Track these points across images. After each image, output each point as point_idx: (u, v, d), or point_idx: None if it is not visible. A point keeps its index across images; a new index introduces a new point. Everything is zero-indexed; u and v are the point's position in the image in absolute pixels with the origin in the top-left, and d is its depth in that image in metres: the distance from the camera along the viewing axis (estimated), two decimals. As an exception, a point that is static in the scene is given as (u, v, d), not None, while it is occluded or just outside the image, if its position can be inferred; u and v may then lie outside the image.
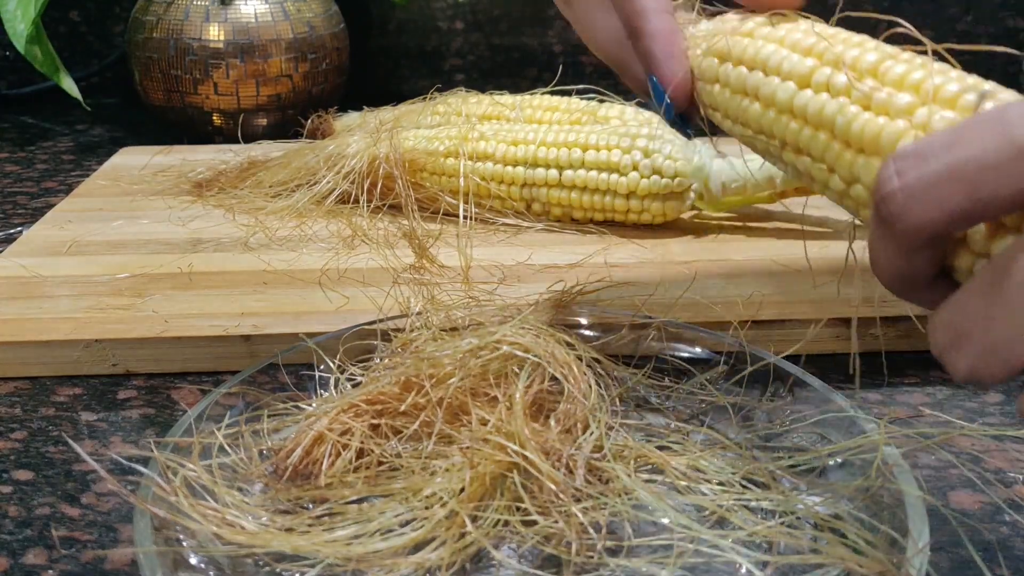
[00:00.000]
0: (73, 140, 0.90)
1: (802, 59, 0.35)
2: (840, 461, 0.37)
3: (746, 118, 0.38)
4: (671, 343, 0.45)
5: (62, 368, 0.48)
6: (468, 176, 0.62)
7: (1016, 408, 0.38)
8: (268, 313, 0.50)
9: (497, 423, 0.36)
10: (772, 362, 0.43)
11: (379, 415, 0.38)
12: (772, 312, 0.50)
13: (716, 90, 0.38)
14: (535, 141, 0.61)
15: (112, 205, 0.67)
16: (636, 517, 0.35)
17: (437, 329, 0.44)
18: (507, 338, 0.40)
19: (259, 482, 0.37)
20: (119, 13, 1.02)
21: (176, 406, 0.45)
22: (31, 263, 0.56)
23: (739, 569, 0.33)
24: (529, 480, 0.34)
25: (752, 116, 0.37)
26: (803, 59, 0.35)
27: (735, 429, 0.40)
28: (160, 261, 0.57)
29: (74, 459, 0.41)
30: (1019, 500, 0.38)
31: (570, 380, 0.39)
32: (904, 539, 0.32)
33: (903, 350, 0.50)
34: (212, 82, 0.81)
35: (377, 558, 0.32)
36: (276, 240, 0.60)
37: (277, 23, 0.82)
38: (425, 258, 0.55)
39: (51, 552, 0.36)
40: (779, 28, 0.37)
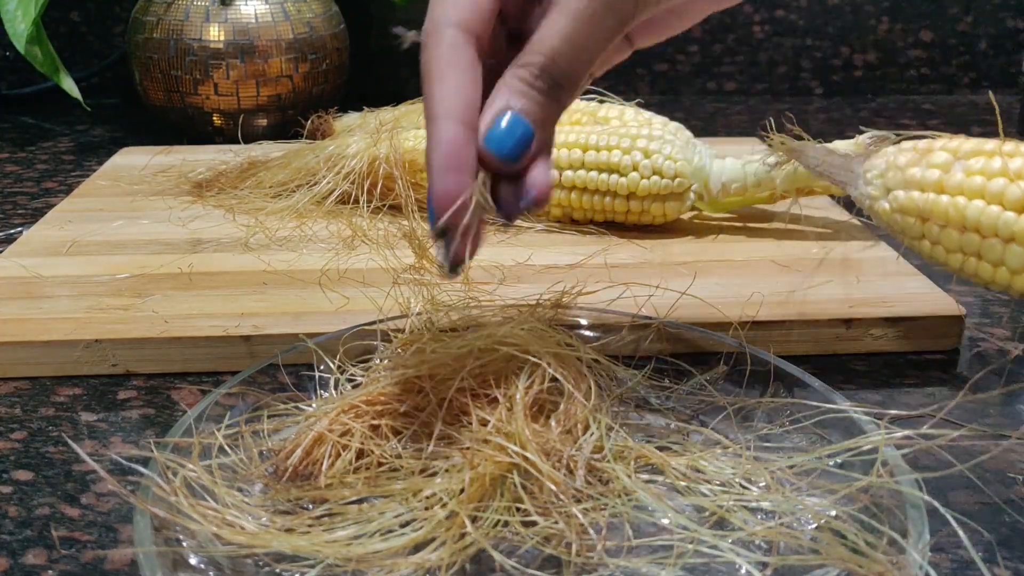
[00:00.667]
0: (73, 140, 0.90)
1: (1018, 219, 0.34)
2: (840, 461, 0.37)
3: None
4: (671, 343, 0.45)
5: (62, 368, 0.48)
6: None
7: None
8: (268, 313, 0.50)
9: (497, 424, 0.36)
10: (772, 362, 0.43)
11: (379, 416, 0.38)
12: (772, 312, 0.50)
13: (924, 244, 0.38)
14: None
15: (112, 205, 0.67)
16: (636, 518, 0.35)
17: (437, 330, 0.44)
18: (507, 339, 0.40)
19: (259, 482, 0.37)
20: (119, 13, 1.02)
21: (176, 406, 0.45)
22: (31, 263, 0.56)
23: (739, 570, 0.33)
24: (529, 481, 0.34)
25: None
26: (1020, 219, 0.34)
27: (735, 429, 0.40)
28: (160, 261, 0.57)
29: (74, 459, 0.41)
30: (1019, 500, 0.38)
31: (570, 381, 0.39)
32: (904, 539, 0.32)
33: (903, 350, 0.50)
34: (212, 82, 0.81)
35: (377, 558, 0.32)
36: (276, 240, 0.60)
37: (277, 23, 0.82)
38: (425, 258, 0.55)
39: (51, 552, 0.36)
40: (974, 167, 0.35)
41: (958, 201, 0.36)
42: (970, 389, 0.47)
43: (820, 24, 1.04)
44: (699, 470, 0.37)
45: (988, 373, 0.49)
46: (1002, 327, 0.53)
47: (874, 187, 0.40)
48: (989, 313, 0.55)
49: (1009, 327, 0.53)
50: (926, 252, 0.39)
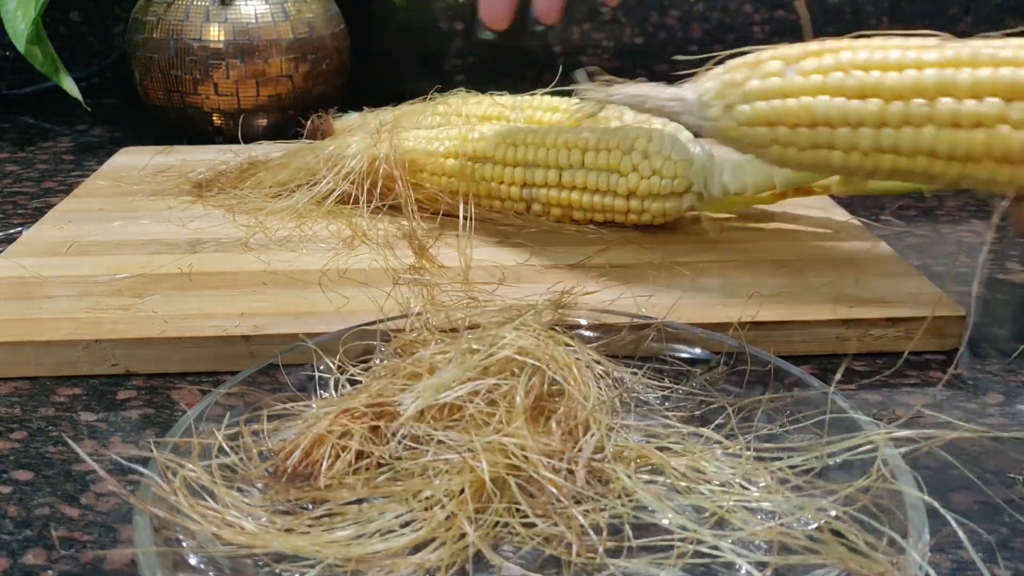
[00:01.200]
0: (73, 140, 0.90)
1: (864, 104, 0.36)
2: (840, 461, 0.37)
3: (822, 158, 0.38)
4: (671, 344, 0.45)
5: (62, 368, 0.48)
6: (468, 176, 0.62)
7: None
8: (268, 313, 0.50)
9: (497, 425, 0.36)
10: (772, 362, 0.43)
11: (379, 417, 0.38)
12: (772, 312, 0.50)
13: (775, 150, 0.39)
14: (535, 142, 0.61)
15: (112, 205, 0.67)
16: (636, 518, 0.34)
17: (437, 330, 0.44)
18: (507, 341, 0.40)
19: (259, 483, 0.37)
20: (119, 13, 1.02)
21: (176, 406, 0.45)
22: (31, 263, 0.56)
23: (739, 570, 0.33)
24: (529, 482, 0.34)
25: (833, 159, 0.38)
26: (865, 104, 0.36)
27: (735, 429, 0.40)
28: (160, 261, 0.57)
29: (74, 459, 0.41)
30: (1019, 501, 0.38)
31: (570, 382, 0.39)
32: (904, 540, 0.32)
33: (903, 350, 0.50)
34: (212, 82, 0.81)
35: (377, 559, 0.32)
36: (276, 240, 0.60)
37: (277, 24, 0.82)
38: (425, 258, 0.55)
39: (50, 552, 0.36)
40: (807, 67, 0.37)
41: (803, 100, 0.38)
42: (970, 389, 0.47)
43: (820, 24, 1.04)
44: (699, 470, 0.37)
45: (988, 373, 0.49)
46: (1002, 327, 0.53)
47: (714, 108, 0.41)
48: (989, 313, 0.55)
49: (1009, 327, 0.53)
50: (776, 157, 0.40)
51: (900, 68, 0.36)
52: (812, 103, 0.38)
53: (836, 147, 0.38)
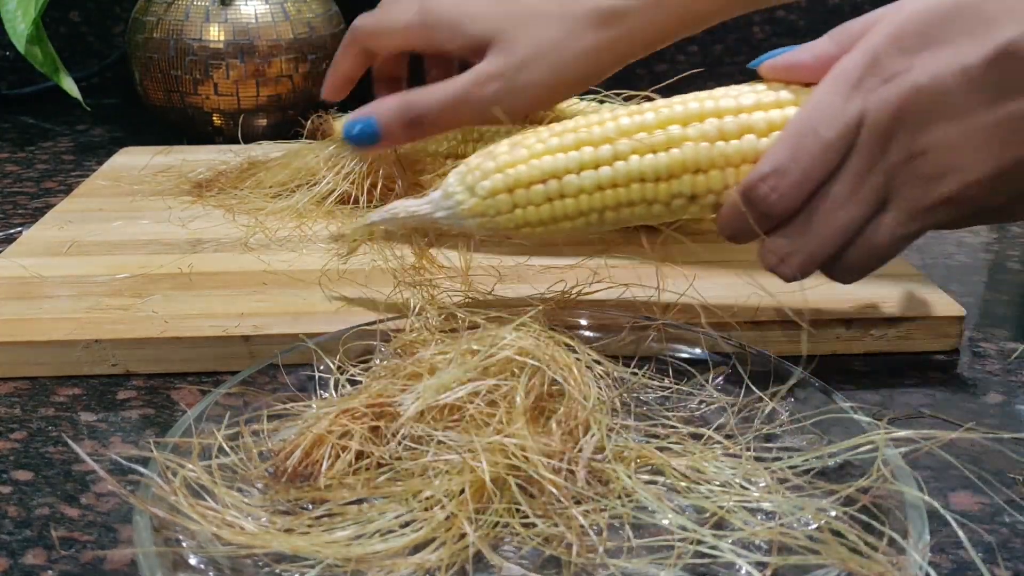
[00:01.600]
0: (73, 140, 0.90)
1: (580, 153, 0.44)
2: (840, 461, 0.37)
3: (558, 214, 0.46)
4: (671, 344, 0.45)
5: (62, 368, 0.48)
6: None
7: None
8: (268, 313, 0.50)
9: (498, 425, 0.36)
10: (772, 362, 0.43)
11: (379, 417, 0.38)
12: (772, 312, 0.50)
13: (518, 212, 0.46)
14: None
15: (112, 205, 0.67)
16: (636, 518, 0.34)
17: (437, 330, 0.44)
18: (507, 341, 0.40)
19: (259, 483, 0.37)
20: (119, 13, 1.02)
21: (176, 406, 0.45)
22: (31, 263, 0.56)
23: (739, 570, 0.33)
24: (530, 482, 0.34)
25: (566, 209, 0.45)
26: (581, 153, 0.44)
27: (735, 429, 0.40)
28: (160, 261, 0.57)
29: (74, 459, 0.41)
30: (1019, 501, 0.38)
31: (570, 382, 0.39)
32: (904, 540, 0.32)
33: (903, 350, 0.50)
34: (212, 82, 0.81)
35: (377, 559, 0.32)
36: (276, 240, 0.60)
37: (277, 24, 0.82)
38: (425, 258, 0.55)
39: (50, 552, 0.36)
40: (528, 140, 0.46)
41: (532, 162, 0.45)
42: (970, 389, 0.47)
43: (820, 24, 1.04)
44: (699, 471, 0.37)
45: (988, 373, 0.49)
46: (1002, 327, 0.53)
47: (459, 194, 0.46)
48: (989, 313, 0.55)
49: (1009, 327, 0.53)
50: (521, 219, 0.46)
51: (602, 123, 0.44)
52: (540, 163, 0.45)
53: (567, 195, 0.45)
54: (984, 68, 0.37)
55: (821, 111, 0.40)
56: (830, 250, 0.42)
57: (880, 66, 0.39)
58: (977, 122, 0.38)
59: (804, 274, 0.43)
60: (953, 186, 0.39)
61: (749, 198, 0.42)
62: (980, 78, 0.37)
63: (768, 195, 0.41)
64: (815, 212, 0.41)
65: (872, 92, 0.39)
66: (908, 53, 0.39)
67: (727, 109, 0.43)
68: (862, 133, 0.40)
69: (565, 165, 0.44)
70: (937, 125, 0.39)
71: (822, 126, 0.40)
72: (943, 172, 0.39)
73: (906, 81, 0.39)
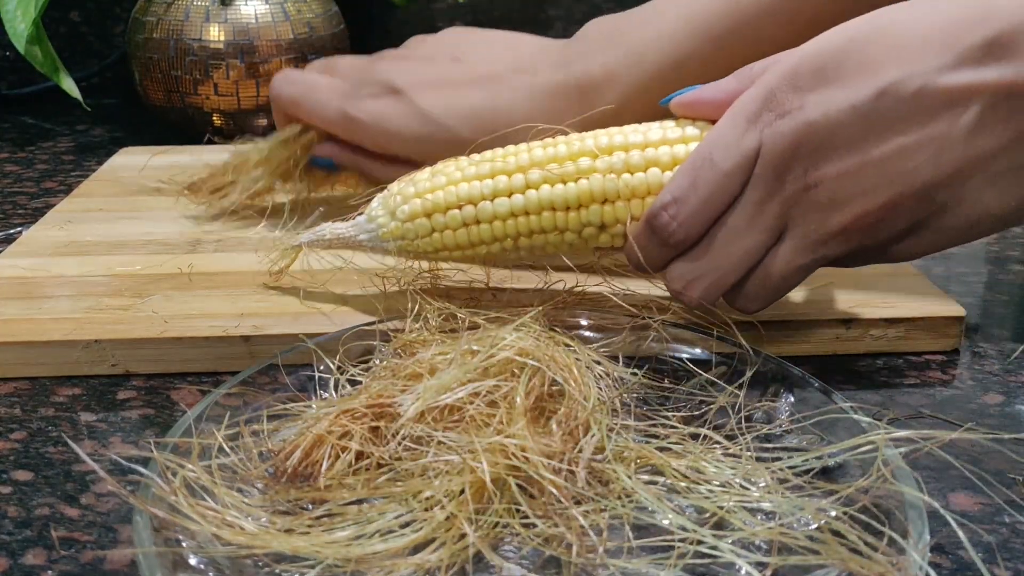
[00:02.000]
0: (73, 140, 0.90)
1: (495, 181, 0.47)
2: (840, 461, 0.37)
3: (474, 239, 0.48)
4: (671, 344, 0.45)
5: (62, 368, 0.48)
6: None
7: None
8: (268, 313, 0.50)
9: (498, 426, 0.36)
10: (772, 362, 0.43)
11: (379, 417, 0.38)
12: (772, 312, 0.50)
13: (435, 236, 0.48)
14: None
15: (112, 205, 0.67)
16: (637, 518, 0.34)
17: (437, 330, 0.44)
18: (508, 342, 0.40)
19: (259, 483, 0.37)
20: (119, 13, 1.02)
21: (176, 407, 0.45)
22: (31, 263, 0.57)
23: (739, 570, 0.33)
24: (530, 483, 0.34)
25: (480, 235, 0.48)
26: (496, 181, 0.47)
27: (735, 430, 0.40)
28: (160, 261, 0.57)
29: (73, 459, 0.41)
30: (1019, 501, 0.38)
31: (571, 382, 0.39)
32: (904, 540, 0.32)
33: (903, 350, 0.50)
34: (212, 82, 0.81)
35: (376, 559, 0.32)
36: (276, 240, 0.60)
37: (277, 24, 0.82)
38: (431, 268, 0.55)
39: (50, 552, 0.36)
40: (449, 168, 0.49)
41: (449, 189, 0.47)
42: (970, 389, 0.47)
43: (820, 24, 1.04)
44: (699, 471, 0.37)
45: (988, 373, 0.49)
46: (1002, 327, 0.53)
47: (381, 217, 0.49)
48: (989, 313, 0.55)
49: (1009, 327, 0.53)
50: (438, 244, 0.48)
51: (517, 153, 0.47)
52: (456, 189, 0.47)
53: (482, 220, 0.47)
54: (871, 105, 0.40)
55: (718, 143, 0.42)
56: (731, 277, 0.44)
57: (775, 102, 0.41)
58: (867, 156, 0.40)
59: (707, 300, 0.44)
60: (847, 217, 0.41)
61: (652, 225, 0.44)
62: (868, 114, 0.40)
63: (668, 223, 0.43)
64: (715, 240, 0.43)
65: (768, 126, 0.41)
66: (801, 91, 0.41)
67: (634, 144, 0.45)
68: (758, 165, 0.42)
69: (480, 192, 0.47)
70: (830, 158, 0.40)
71: (719, 157, 0.42)
72: (837, 203, 0.41)
73: (799, 117, 0.41)
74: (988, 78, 0.38)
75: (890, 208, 0.41)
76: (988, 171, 0.40)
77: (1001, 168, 0.40)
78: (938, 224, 0.42)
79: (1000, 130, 0.39)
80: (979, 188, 0.40)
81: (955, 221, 0.41)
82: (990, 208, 0.41)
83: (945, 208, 0.41)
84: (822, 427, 0.39)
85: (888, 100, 0.39)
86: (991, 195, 0.40)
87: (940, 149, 0.39)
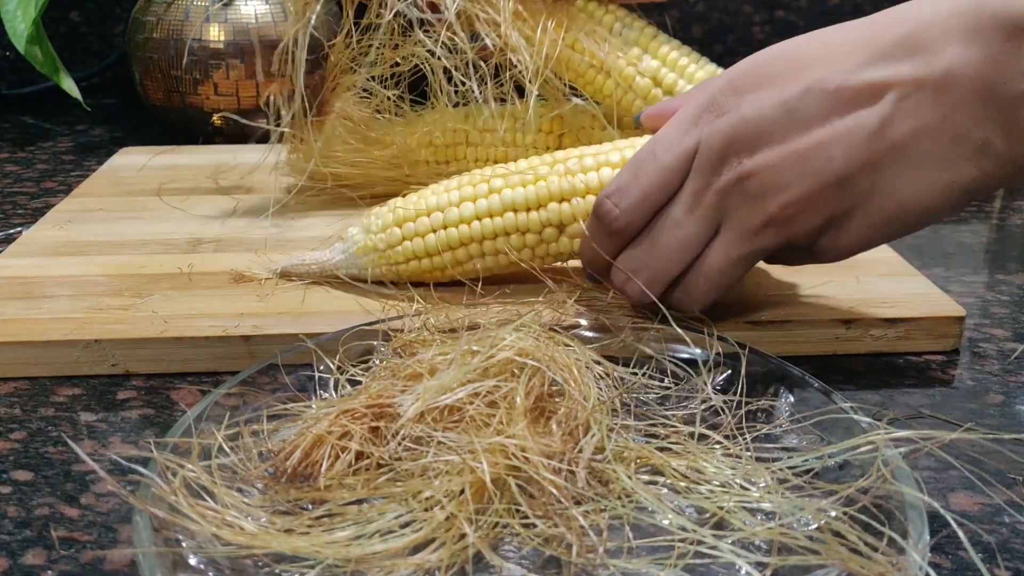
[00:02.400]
0: (73, 140, 0.90)
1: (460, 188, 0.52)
2: (840, 461, 0.37)
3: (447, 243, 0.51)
4: (671, 344, 0.45)
5: (62, 368, 0.48)
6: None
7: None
8: (268, 313, 0.50)
9: (498, 426, 0.36)
10: (772, 362, 0.43)
11: (378, 418, 0.38)
12: (772, 312, 0.50)
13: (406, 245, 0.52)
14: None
15: (112, 205, 0.67)
16: (637, 519, 0.34)
17: (437, 330, 0.44)
18: (508, 342, 0.40)
19: (259, 483, 0.37)
20: (119, 13, 1.02)
21: (176, 406, 0.45)
22: (31, 263, 0.56)
23: (739, 570, 0.33)
24: (530, 483, 0.34)
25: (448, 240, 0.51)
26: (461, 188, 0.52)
27: (735, 430, 0.40)
28: (160, 261, 0.57)
29: (73, 459, 0.41)
30: (1019, 501, 0.38)
31: (571, 383, 0.39)
32: (904, 540, 0.32)
33: (903, 351, 0.50)
34: (212, 82, 0.81)
35: (376, 559, 0.32)
36: (276, 240, 0.60)
37: (277, 24, 0.82)
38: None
39: (50, 552, 0.36)
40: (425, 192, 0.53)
41: (420, 201, 0.52)
42: (970, 389, 0.47)
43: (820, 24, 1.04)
44: (699, 471, 0.37)
45: (988, 373, 0.49)
46: (1002, 327, 0.53)
47: (356, 234, 0.53)
48: (989, 313, 0.55)
49: (1009, 327, 0.53)
50: (409, 252, 0.52)
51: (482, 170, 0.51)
52: (426, 200, 0.52)
53: (449, 224, 0.51)
54: (797, 101, 0.42)
55: (661, 140, 0.46)
56: (670, 268, 0.46)
57: (715, 104, 0.44)
58: (794, 147, 0.42)
59: (651, 291, 0.46)
60: (772, 207, 0.43)
61: (597, 214, 0.47)
62: (794, 109, 0.42)
63: (611, 210, 0.46)
64: (655, 231, 0.46)
65: (707, 125, 0.44)
66: (740, 92, 0.44)
67: (588, 152, 0.50)
68: (696, 159, 0.45)
69: (448, 200, 0.51)
70: (761, 151, 0.43)
71: (661, 152, 0.45)
72: (764, 193, 0.43)
73: (735, 114, 0.44)
74: (901, 72, 0.41)
75: (808, 199, 0.43)
76: (901, 161, 0.41)
77: (914, 158, 0.41)
78: (859, 217, 0.43)
79: (911, 121, 0.41)
80: (893, 179, 0.42)
81: (874, 213, 0.43)
82: (906, 199, 0.42)
83: (863, 200, 0.42)
84: (822, 427, 0.39)
85: (811, 96, 0.42)
86: (906, 185, 0.42)
87: (854, 140, 0.41)
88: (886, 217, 0.43)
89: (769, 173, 0.43)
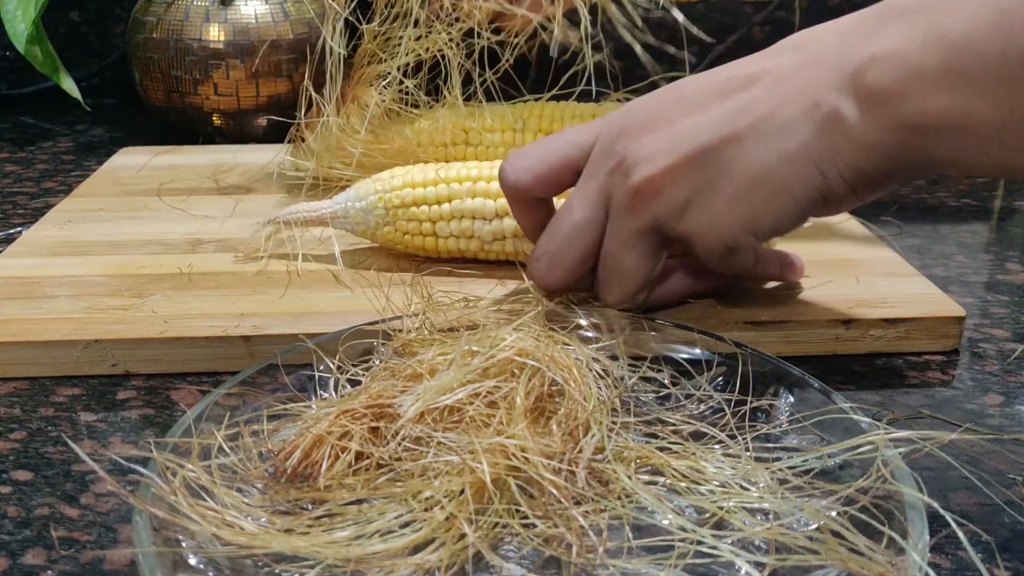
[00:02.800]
0: (73, 140, 0.90)
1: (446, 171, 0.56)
2: (840, 461, 0.37)
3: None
4: (671, 344, 0.45)
5: (62, 368, 0.48)
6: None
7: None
8: (268, 313, 0.50)
9: (498, 426, 0.36)
10: (772, 362, 0.43)
11: (378, 418, 0.38)
12: (772, 312, 0.50)
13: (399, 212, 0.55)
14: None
15: (112, 205, 0.67)
16: (636, 519, 0.34)
17: (436, 330, 0.44)
18: (508, 342, 0.40)
19: (259, 483, 0.37)
20: (119, 13, 1.02)
21: (175, 407, 0.45)
22: (31, 263, 0.57)
23: (739, 570, 0.33)
24: (530, 483, 0.34)
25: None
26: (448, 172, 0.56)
27: (735, 430, 0.40)
28: (160, 261, 0.57)
29: (73, 459, 0.41)
30: (1019, 501, 0.38)
31: (570, 383, 0.39)
32: (904, 540, 0.32)
33: (903, 351, 0.50)
34: (212, 82, 0.81)
35: (376, 559, 0.32)
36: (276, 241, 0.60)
37: (277, 24, 0.82)
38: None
39: (50, 552, 0.36)
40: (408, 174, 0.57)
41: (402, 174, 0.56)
42: (970, 389, 0.47)
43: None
44: (699, 471, 0.37)
45: (988, 373, 0.49)
46: (1002, 327, 0.53)
47: (370, 186, 0.56)
48: (989, 313, 0.55)
49: (1009, 327, 0.53)
50: (391, 237, 0.56)
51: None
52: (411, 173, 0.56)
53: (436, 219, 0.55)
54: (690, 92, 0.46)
55: (570, 131, 0.49)
56: (568, 251, 0.48)
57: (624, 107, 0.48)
58: (670, 131, 0.45)
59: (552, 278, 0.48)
60: (639, 177, 0.45)
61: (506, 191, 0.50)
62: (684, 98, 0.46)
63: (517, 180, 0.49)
64: (555, 219, 0.49)
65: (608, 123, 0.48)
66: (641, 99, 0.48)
67: None
68: (593, 149, 0.48)
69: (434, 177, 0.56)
70: (645, 136, 0.46)
71: (566, 141, 0.49)
72: (634, 166, 0.46)
73: (629, 105, 0.48)
74: (783, 62, 0.44)
75: (671, 170, 0.45)
76: (762, 132, 0.43)
77: (773, 128, 0.43)
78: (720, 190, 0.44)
79: (776, 96, 0.43)
80: (752, 150, 0.43)
81: (732, 184, 0.44)
82: (762, 169, 0.43)
83: (725, 173, 0.44)
84: (822, 427, 0.39)
85: (702, 84, 0.46)
86: (763, 156, 0.43)
87: (722, 116, 0.44)
88: (744, 188, 0.43)
89: (642, 151, 0.45)
